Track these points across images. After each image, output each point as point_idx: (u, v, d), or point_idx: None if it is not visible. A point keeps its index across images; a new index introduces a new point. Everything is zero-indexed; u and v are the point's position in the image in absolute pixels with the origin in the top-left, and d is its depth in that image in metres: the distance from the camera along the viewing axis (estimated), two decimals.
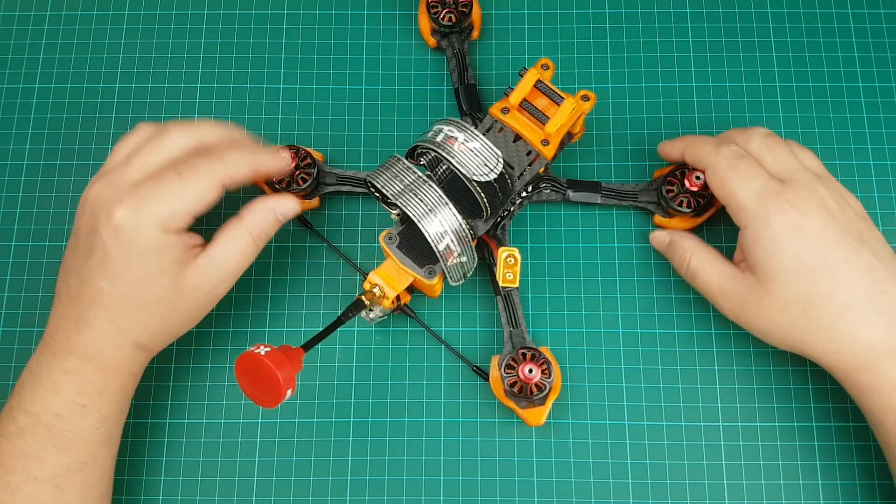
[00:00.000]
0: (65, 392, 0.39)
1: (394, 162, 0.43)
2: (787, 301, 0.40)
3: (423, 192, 0.41)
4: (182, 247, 0.39)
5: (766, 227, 0.40)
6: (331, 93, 0.52)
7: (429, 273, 0.43)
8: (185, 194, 0.39)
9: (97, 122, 0.52)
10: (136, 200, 0.38)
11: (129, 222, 0.38)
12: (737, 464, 0.46)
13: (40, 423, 0.38)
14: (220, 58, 0.53)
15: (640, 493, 0.45)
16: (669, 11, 0.54)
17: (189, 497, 0.46)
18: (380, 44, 0.53)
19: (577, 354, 0.47)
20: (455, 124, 0.42)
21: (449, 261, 0.42)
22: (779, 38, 0.53)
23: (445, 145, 0.42)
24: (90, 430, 0.39)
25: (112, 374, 0.40)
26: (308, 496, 0.45)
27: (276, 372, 0.35)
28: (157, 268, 0.39)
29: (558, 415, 0.46)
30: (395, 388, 0.47)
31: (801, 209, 0.40)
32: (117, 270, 0.38)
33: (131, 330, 0.40)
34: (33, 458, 0.38)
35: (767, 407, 0.46)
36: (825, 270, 0.39)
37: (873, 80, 0.52)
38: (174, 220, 0.39)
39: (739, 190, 0.41)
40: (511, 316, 0.46)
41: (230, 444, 0.46)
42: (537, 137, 0.44)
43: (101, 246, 0.38)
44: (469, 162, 0.41)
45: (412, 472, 0.46)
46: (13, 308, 0.49)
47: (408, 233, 0.43)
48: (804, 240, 0.39)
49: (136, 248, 0.38)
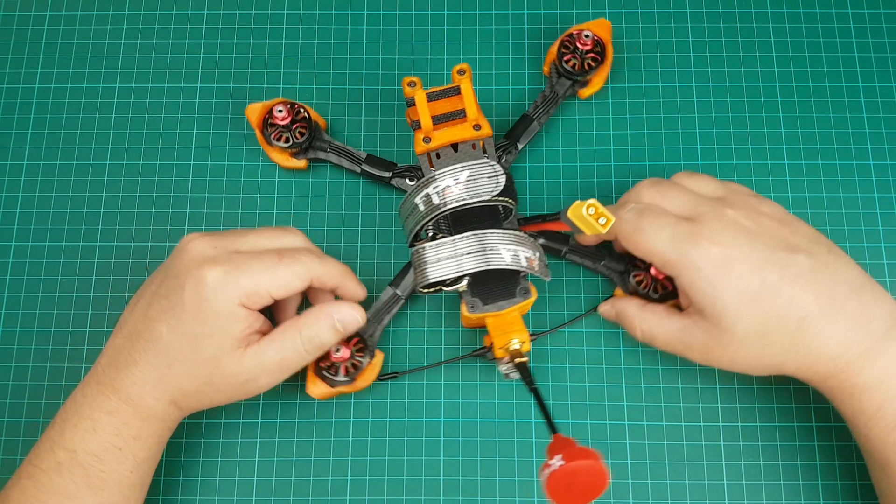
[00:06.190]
0: (104, 433, 0.39)
1: (419, 255, 0.42)
2: (745, 334, 0.39)
3: (461, 247, 0.41)
4: (247, 326, 0.40)
5: (696, 272, 0.39)
6: (331, 93, 0.52)
7: (524, 293, 0.43)
8: (276, 276, 0.40)
9: (97, 122, 0.52)
10: (232, 266, 0.39)
11: (215, 282, 0.39)
12: (737, 464, 0.46)
13: (78, 462, 0.39)
14: (220, 58, 0.53)
15: (640, 493, 0.45)
16: (669, 11, 0.54)
17: (189, 497, 0.46)
18: (380, 44, 0.53)
19: (577, 354, 0.47)
20: (431, 182, 0.42)
21: (536, 267, 0.42)
22: (779, 38, 0.53)
23: (447, 198, 0.41)
24: (124, 474, 0.40)
25: (148, 421, 0.40)
26: (308, 496, 0.46)
27: (598, 463, 0.34)
28: (213, 335, 0.39)
29: (558, 415, 0.46)
30: (395, 388, 0.47)
31: (720, 242, 0.39)
32: (183, 321, 0.39)
33: (170, 383, 0.40)
34: (69, 495, 0.38)
35: (767, 407, 0.46)
36: (768, 293, 0.38)
37: (873, 80, 0.52)
38: (256, 295, 0.39)
39: (654, 245, 0.40)
40: (381, 311, 0.45)
41: (230, 444, 0.46)
42: (469, 131, 0.44)
43: (179, 293, 0.39)
44: (480, 189, 0.41)
45: (412, 472, 0.46)
46: (13, 308, 0.49)
47: (477, 287, 0.43)
48: (736, 271, 0.38)
49: (208, 307, 0.39)
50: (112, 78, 0.53)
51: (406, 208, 0.44)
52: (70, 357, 0.48)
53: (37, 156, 0.52)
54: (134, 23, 0.54)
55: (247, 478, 0.46)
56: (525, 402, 0.47)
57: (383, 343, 0.47)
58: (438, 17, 0.54)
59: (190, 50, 0.53)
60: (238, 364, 0.40)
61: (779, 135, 0.51)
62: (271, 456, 0.46)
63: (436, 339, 0.48)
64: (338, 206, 0.50)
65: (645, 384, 0.47)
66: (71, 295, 0.49)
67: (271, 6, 0.54)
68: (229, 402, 0.42)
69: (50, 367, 0.48)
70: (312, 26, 0.54)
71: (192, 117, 0.52)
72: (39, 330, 0.48)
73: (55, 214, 0.50)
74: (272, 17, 0.54)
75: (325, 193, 0.50)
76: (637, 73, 0.52)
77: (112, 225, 0.50)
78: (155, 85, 0.53)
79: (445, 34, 0.53)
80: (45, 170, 0.51)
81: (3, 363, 0.48)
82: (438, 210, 0.41)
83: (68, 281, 0.49)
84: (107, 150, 0.51)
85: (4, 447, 0.47)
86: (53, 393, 0.47)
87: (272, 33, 0.54)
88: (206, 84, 0.53)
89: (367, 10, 0.54)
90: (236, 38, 0.54)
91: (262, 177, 0.51)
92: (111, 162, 0.51)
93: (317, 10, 0.54)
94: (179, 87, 0.53)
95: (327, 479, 0.46)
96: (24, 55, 0.54)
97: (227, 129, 0.52)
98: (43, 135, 0.52)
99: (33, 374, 0.48)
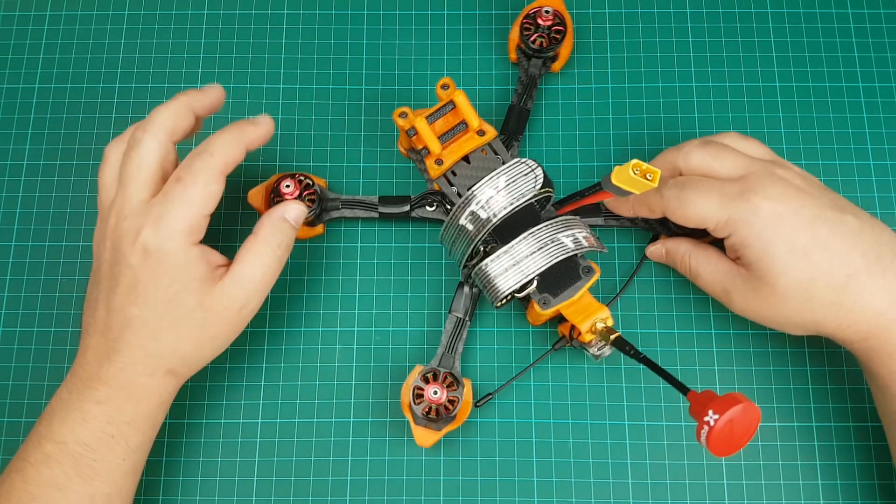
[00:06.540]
0: (94, 421, 0.39)
1: (483, 274, 0.42)
2: (789, 288, 0.40)
3: (521, 251, 0.41)
4: (207, 264, 0.40)
5: (748, 227, 0.40)
6: (331, 93, 0.52)
7: (588, 272, 0.43)
8: (194, 199, 0.39)
9: (97, 122, 0.52)
10: (154, 220, 0.39)
11: (154, 241, 0.39)
12: (737, 464, 0.46)
13: (68, 453, 0.38)
14: (220, 58, 0.53)
15: (640, 493, 0.45)
16: (669, 11, 0.54)
17: (189, 497, 0.46)
18: (380, 44, 0.53)
19: (577, 354, 0.47)
20: (472, 199, 0.41)
21: (595, 243, 0.42)
22: (779, 38, 0.53)
23: (494, 209, 0.41)
24: (116, 461, 0.39)
25: (142, 402, 0.40)
26: (308, 496, 0.46)
27: (749, 403, 0.34)
28: (185, 286, 0.39)
29: (558, 415, 0.46)
30: (395, 389, 0.47)
31: (772, 198, 0.39)
32: (147, 293, 0.39)
33: (162, 354, 0.40)
34: (59, 487, 0.38)
35: (768, 407, 0.46)
36: (817, 248, 0.39)
37: (873, 80, 0.52)
38: (194, 227, 0.39)
39: (702, 211, 0.41)
40: (453, 340, 0.45)
41: (230, 444, 0.46)
42: (475, 140, 0.44)
43: (128, 272, 0.39)
44: (523, 188, 0.41)
45: (412, 473, 0.46)
46: (13, 308, 0.49)
47: (543, 283, 0.43)
48: (787, 226, 0.39)
49: (163, 265, 0.39)
50: (112, 78, 0.53)
51: (450, 233, 0.43)
52: (70, 357, 0.48)
53: (37, 156, 0.52)
54: (134, 23, 0.54)
55: (247, 478, 0.46)
56: (525, 402, 0.47)
57: None
58: (438, 18, 0.54)
59: (190, 50, 0.53)
60: (224, 295, 0.40)
61: (779, 135, 0.51)
62: (271, 456, 0.46)
63: (506, 343, 0.48)
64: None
65: (645, 384, 0.47)
66: (71, 295, 0.49)
67: (271, 6, 0.54)
68: (227, 343, 0.42)
69: (50, 367, 0.48)
70: (312, 26, 0.54)
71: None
72: (39, 330, 0.48)
73: (55, 214, 0.50)
74: (272, 17, 0.54)
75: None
76: (637, 73, 0.52)
77: None
78: (155, 85, 0.53)
79: (437, 42, 0.53)
80: (45, 170, 0.51)
81: (3, 363, 0.48)
82: (490, 222, 0.41)
83: (68, 281, 0.49)
84: None
85: (4, 447, 0.47)
86: (53, 393, 0.47)
87: (272, 33, 0.54)
88: (206, 84, 0.53)
89: (367, 10, 0.54)
90: (236, 38, 0.54)
91: None
92: None
93: (317, 10, 0.54)
94: (179, 87, 0.53)
95: (327, 479, 0.46)
96: (24, 55, 0.54)
97: None
98: (43, 135, 0.52)
99: (33, 374, 0.48)
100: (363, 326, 0.48)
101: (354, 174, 0.51)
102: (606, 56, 0.53)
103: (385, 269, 0.49)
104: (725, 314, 0.48)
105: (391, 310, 0.48)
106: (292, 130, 0.52)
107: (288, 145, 0.51)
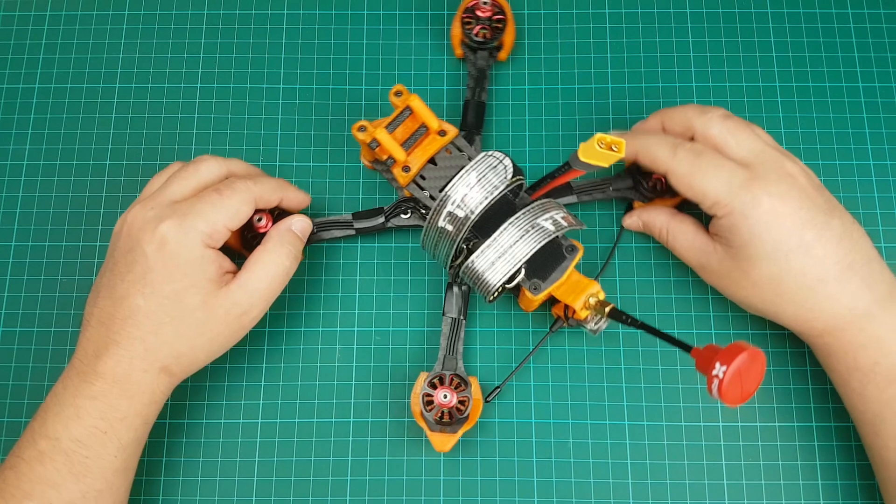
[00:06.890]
0: (88, 417, 0.39)
1: (471, 270, 0.42)
2: (761, 279, 0.41)
3: (504, 241, 0.41)
4: (218, 267, 0.41)
5: (744, 218, 0.40)
6: (330, 93, 0.52)
7: (571, 251, 0.43)
8: (224, 209, 0.41)
9: (97, 122, 0.52)
10: (180, 215, 0.40)
11: (174, 234, 0.40)
12: (737, 464, 0.46)
13: (60, 449, 0.39)
14: (220, 58, 0.53)
15: (640, 493, 0.45)
16: (669, 11, 0.54)
17: (189, 497, 0.46)
18: (380, 44, 0.53)
19: (577, 354, 0.47)
20: (447, 200, 0.41)
21: (574, 221, 0.43)
22: (779, 38, 0.53)
23: (470, 205, 0.41)
24: (109, 458, 0.39)
25: (136, 398, 0.40)
26: (308, 496, 0.46)
27: (753, 349, 0.34)
28: (193, 284, 0.40)
29: (558, 415, 0.46)
30: (395, 389, 0.47)
31: (776, 194, 0.40)
32: (156, 283, 0.39)
33: (159, 350, 0.40)
34: (51, 484, 0.38)
35: (767, 407, 0.46)
36: (800, 251, 0.40)
37: (873, 80, 0.52)
38: (215, 233, 0.41)
39: (708, 188, 0.41)
40: (452, 341, 0.45)
41: (230, 444, 0.46)
42: (438, 141, 0.45)
43: (142, 261, 0.40)
44: (495, 181, 0.41)
45: (412, 473, 0.46)
46: (13, 308, 0.49)
47: (530, 270, 0.43)
48: (780, 226, 0.40)
49: (178, 259, 0.40)
50: (112, 78, 0.53)
51: (431, 237, 0.43)
52: (70, 357, 0.48)
53: (37, 156, 0.52)
54: (134, 23, 0.54)
55: (247, 478, 0.46)
56: (525, 402, 0.47)
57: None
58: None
59: (190, 50, 0.53)
60: (228, 299, 0.41)
61: (779, 135, 0.51)
62: (271, 456, 0.46)
63: (506, 343, 0.47)
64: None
65: (645, 384, 0.47)
66: (71, 295, 0.49)
67: (271, 6, 0.54)
68: (224, 349, 0.42)
69: (50, 367, 0.48)
70: (312, 26, 0.54)
71: (192, 118, 0.52)
72: (39, 330, 0.48)
73: (55, 214, 0.50)
74: (272, 17, 0.54)
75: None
76: (637, 73, 0.52)
77: (113, 225, 0.50)
78: (155, 85, 0.53)
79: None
80: (45, 170, 0.51)
81: (3, 363, 0.48)
82: (469, 220, 0.41)
83: (68, 281, 0.49)
84: (107, 150, 0.51)
85: (4, 447, 0.47)
86: None
87: (272, 33, 0.54)
88: (206, 84, 0.53)
89: (367, 10, 0.54)
90: (236, 38, 0.54)
91: None
92: (111, 162, 0.51)
93: (317, 10, 0.54)
94: (179, 87, 0.53)
95: (327, 479, 0.46)
96: (24, 55, 0.54)
97: (227, 128, 0.52)
98: (43, 135, 0.52)
99: (33, 374, 0.48)
100: (363, 326, 0.48)
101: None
102: (606, 56, 0.53)
103: (385, 270, 0.49)
104: (725, 302, 0.48)
105: (391, 310, 0.48)
106: (292, 131, 0.52)
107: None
